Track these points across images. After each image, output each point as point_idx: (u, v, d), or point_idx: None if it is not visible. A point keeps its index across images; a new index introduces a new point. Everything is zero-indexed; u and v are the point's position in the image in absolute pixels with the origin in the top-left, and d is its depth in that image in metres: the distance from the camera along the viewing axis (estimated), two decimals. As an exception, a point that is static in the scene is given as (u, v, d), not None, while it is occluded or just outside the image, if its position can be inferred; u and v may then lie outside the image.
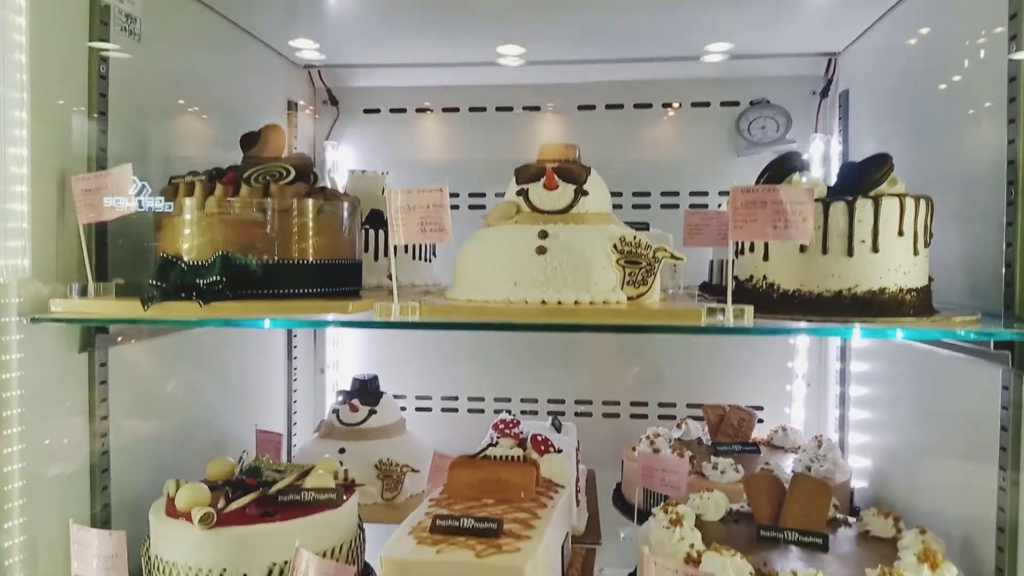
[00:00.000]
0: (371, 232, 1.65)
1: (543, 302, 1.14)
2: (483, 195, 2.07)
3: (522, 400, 2.15)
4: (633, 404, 2.12)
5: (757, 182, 1.32)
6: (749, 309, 1.06)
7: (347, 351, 2.23)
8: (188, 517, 1.21)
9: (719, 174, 1.98)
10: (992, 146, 1.18)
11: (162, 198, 1.24)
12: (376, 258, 1.65)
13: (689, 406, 2.07)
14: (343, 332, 2.21)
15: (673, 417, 2.06)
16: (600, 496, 1.83)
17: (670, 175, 2.03)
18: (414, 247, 1.69)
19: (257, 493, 1.29)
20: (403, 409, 2.01)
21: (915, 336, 1.09)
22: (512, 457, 1.49)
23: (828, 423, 1.98)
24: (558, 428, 1.87)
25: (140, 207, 1.21)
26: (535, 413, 2.12)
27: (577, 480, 1.71)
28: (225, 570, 1.18)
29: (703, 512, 1.40)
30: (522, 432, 1.64)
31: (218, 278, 1.16)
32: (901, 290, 1.11)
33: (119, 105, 1.32)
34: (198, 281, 1.17)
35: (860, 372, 1.88)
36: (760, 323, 1.08)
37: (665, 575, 1.04)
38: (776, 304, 1.16)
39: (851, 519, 1.39)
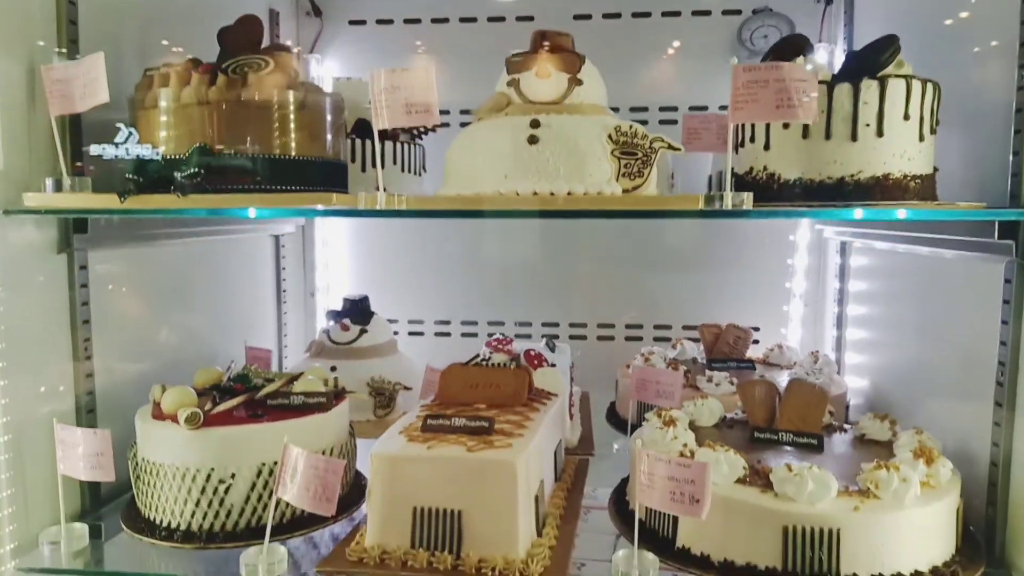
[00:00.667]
0: (357, 142, 1.59)
1: (535, 193, 1.10)
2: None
3: (516, 323, 2.12)
4: (628, 327, 2.10)
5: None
6: (748, 195, 1.02)
7: (337, 273, 2.19)
8: (174, 419, 1.19)
9: (720, 87, 1.91)
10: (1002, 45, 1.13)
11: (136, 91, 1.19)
12: (363, 169, 1.60)
13: (685, 328, 2.05)
14: (333, 254, 2.18)
15: (668, 339, 2.04)
16: (594, 418, 1.83)
17: (669, 88, 1.96)
18: (403, 158, 1.64)
19: (245, 396, 1.27)
20: (395, 334, 1.98)
21: (918, 216, 1.06)
22: (504, 364, 1.47)
23: (825, 343, 1.96)
24: (552, 348, 1.85)
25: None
26: (529, 336, 2.10)
27: (571, 396, 1.69)
28: (213, 470, 1.17)
29: (696, 418, 1.38)
30: (515, 349, 1.62)
31: (196, 171, 1.11)
32: (905, 176, 1.07)
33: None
34: (176, 175, 1.12)
35: (859, 291, 1.86)
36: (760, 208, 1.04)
37: (658, 467, 1.02)
38: (777, 194, 1.12)
39: (847, 425, 1.38)
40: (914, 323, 1.54)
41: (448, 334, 2.16)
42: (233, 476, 1.17)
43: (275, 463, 1.13)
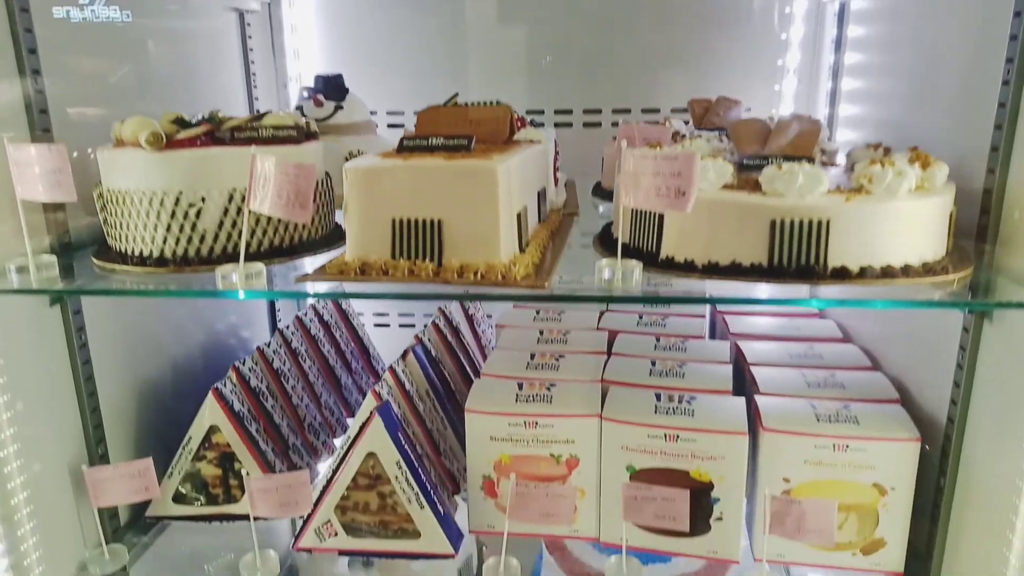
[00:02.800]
0: None
1: None
2: None
3: (499, 113, 2.04)
4: (615, 112, 2.02)
5: None
6: None
7: (309, 62, 2.06)
8: (137, 145, 1.13)
9: None
10: None
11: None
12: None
13: (674, 111, 1.98)
14: (303, 41, 2.04)
15: (657, 123, 1.96)
16: (580, 197, 1.79)
17: None
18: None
19: (211, 125, 1.20)
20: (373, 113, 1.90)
21: None
22: (485, 103, 1.41)
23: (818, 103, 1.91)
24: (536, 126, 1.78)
25: None
26: (512, 125, 2.02)
27: (556, 162, 1.64)
28: (181, 193, 1.12)
29: (685, 158, 1.34)
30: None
31: None
32: None
33: None
34: None
35: (856, 36, 1.77)
36: None
37: (643, 163, 0.98)
38: None
39: (839, 158, 1.34)
40: (910, 73, 1.47)
41: (428, 125, 2.07)
42: (203, 200, 1.12)
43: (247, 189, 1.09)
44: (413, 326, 2.24)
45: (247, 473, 1.36)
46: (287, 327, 1.73)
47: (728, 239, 1.02)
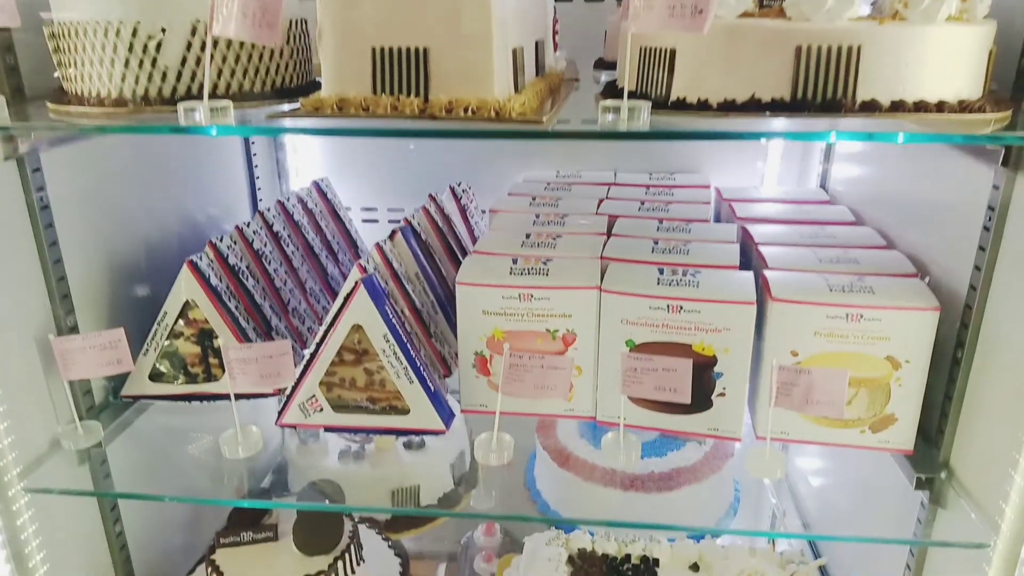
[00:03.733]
0: None
1: None
2: None
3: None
4: (620, -12, 1.88)
5: None
6: None
7: None
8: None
9: None
10: None
11: None
12: None
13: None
14: None
15: None
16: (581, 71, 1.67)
17: None
18: None
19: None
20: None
21: None
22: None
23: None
24: None
25: None
26: None
27: (555, 26, 1.52)
28: (139, 23, 1.01)
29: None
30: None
31: None
32: None
33: None
34: None
35: None
36: None
37: (656, -18, 0.87)
38: None
39: None
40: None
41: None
42: (164, 32, 1.01)
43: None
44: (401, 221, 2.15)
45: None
46: (268, 209, 1.64)
47: (747, 72, 0.92)
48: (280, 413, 1.28)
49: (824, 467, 1.63)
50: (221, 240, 1.43)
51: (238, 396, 1.31)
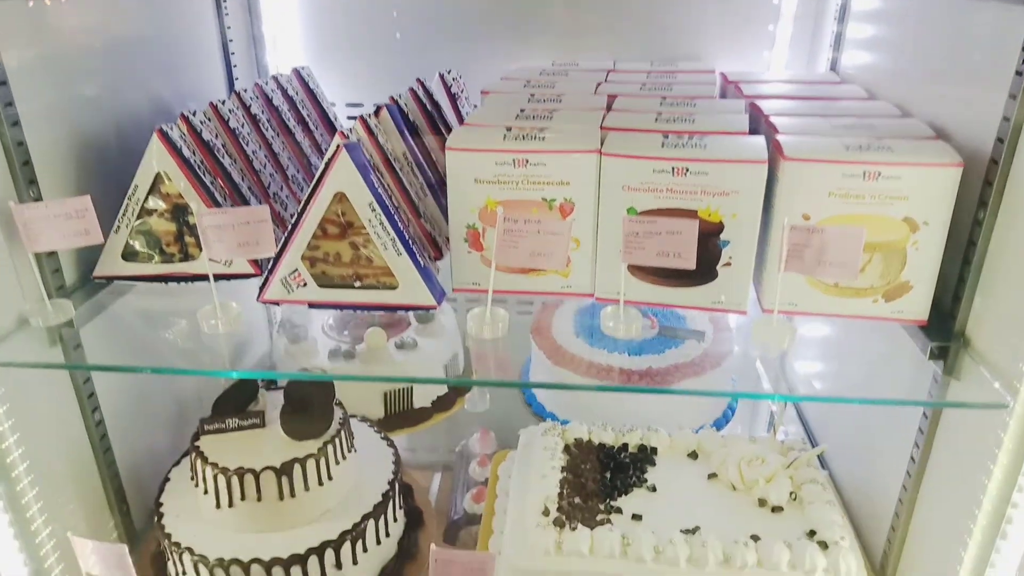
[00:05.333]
0: None
1: None
2: None
3: None
4: None
5: None
6: None
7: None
8: None
9: None
10: None
11: None
12: None
13: None
14: None
15: None
16: None
17: None
18: None
19: None
20: None
21: None
22: None
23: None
24: None
25: None
26: None
27: None
28: None
29: None
30: None
31: None
32: None
33: None
34: None
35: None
36: None
37: None
38: None
39: None
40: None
41: None
42: None
43: None
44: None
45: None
46: (245, 90, 1.54)
47: None
48: (262, 288, 1.21)
49: (830, 343, 1.58)
50: (194, 114, 1.34)
51: (217, 277, 1.24)
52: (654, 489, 1.40)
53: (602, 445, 1.51)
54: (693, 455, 1.49)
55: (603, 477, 1.41)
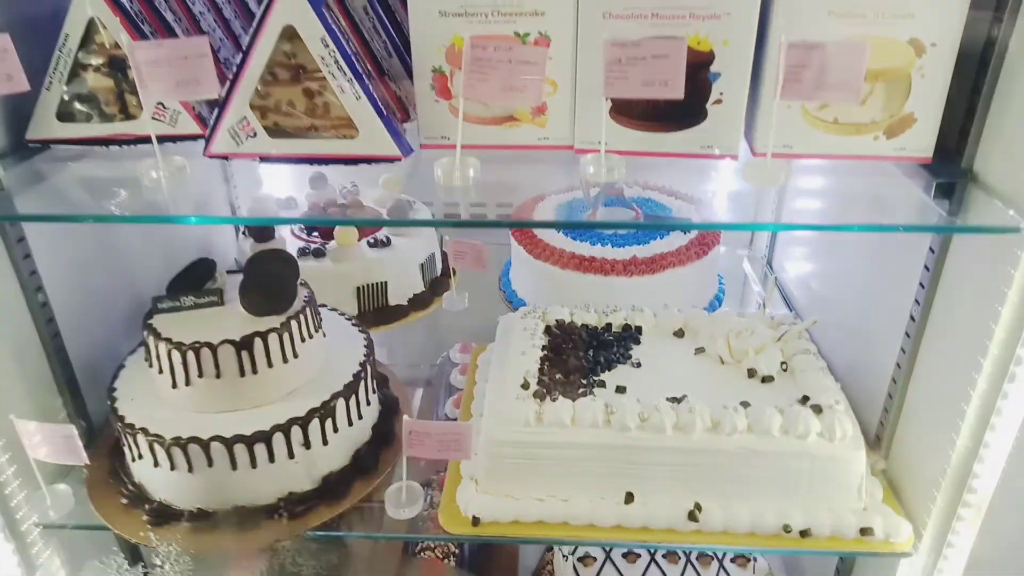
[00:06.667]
0: None
1: None
2: None
3: None
4: None
5: None
6: None
7: None
8: None
9: None
10: None
11: None
12: None
13: None
14: None
15: None
16: None
17: None
18: None
19: None
20: None
21: None
22: None
23: None
24: None
25: None
26: None
27: None
28: None
29: None
30: None
31: None
32: None
33: None
34: None
35: None
36: None
37: None
38: None
39: None
40: None
41: None
42: None
43: None
44: None
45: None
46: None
47: None
48: (208, 141, 1.11)
49: (827, 191, 1.49)
50: (130, -38, 1.21)
51: (162, 139, 1.13)
52: (639, 365, 1.33)
53: (585, 326, 1.43)
54: (679, 333, 1.42)
55: (586, 355, 1.34)
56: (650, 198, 1.91)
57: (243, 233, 1.82)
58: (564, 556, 1.58)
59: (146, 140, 1.13)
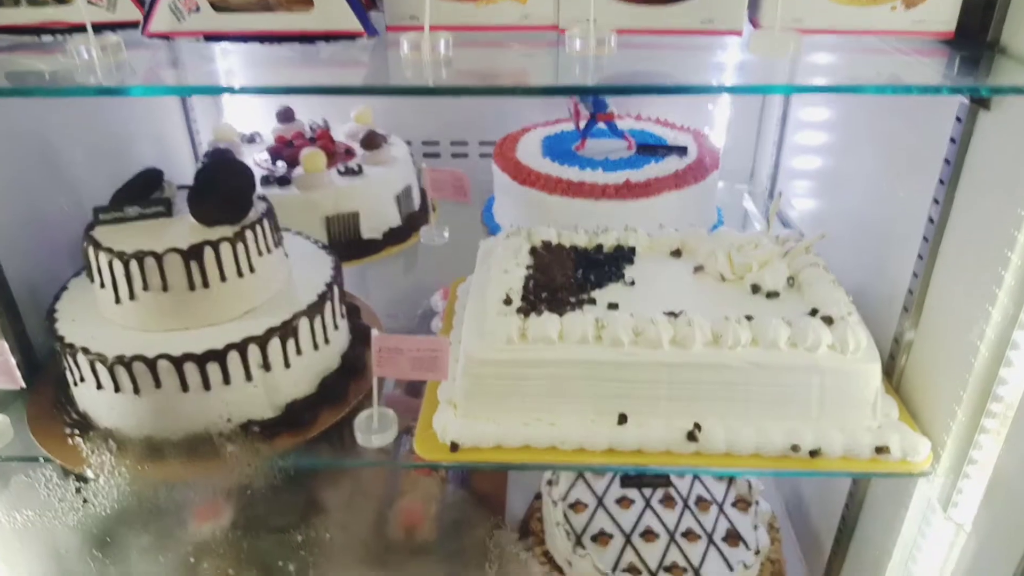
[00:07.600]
0: None
1: None
2: None
3: None
4: None
5: None
6: None
7: None
8: None
9: None
10: None
11: None
12: None
13: None
14: None
15: None
16: None
17: None
18: None
19: None
20: None
21: None
22: None
23: None
24: None
25: None
26: None
27: None
28: None
29: None
30: None
31: None
32: None
33: None
34: None
35: None
36: None
37: None
38: None
39: None
40: None
41: None
42: None
43: None
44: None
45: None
46: None
47: None
48: (146, 19, 0.98)
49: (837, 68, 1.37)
50: None
51: (99, 26, 1.01)
52: (632, 283, 1.22)
53: (574, 247, 1.32)
54: (676, 253, 1.31)
55: (575, 274, 1.23)
56: (644, 129, 1.81)
57: (204, 157, 1.71)
58: (554, 502, 1.48)
59: (81, 28, 1.01)
